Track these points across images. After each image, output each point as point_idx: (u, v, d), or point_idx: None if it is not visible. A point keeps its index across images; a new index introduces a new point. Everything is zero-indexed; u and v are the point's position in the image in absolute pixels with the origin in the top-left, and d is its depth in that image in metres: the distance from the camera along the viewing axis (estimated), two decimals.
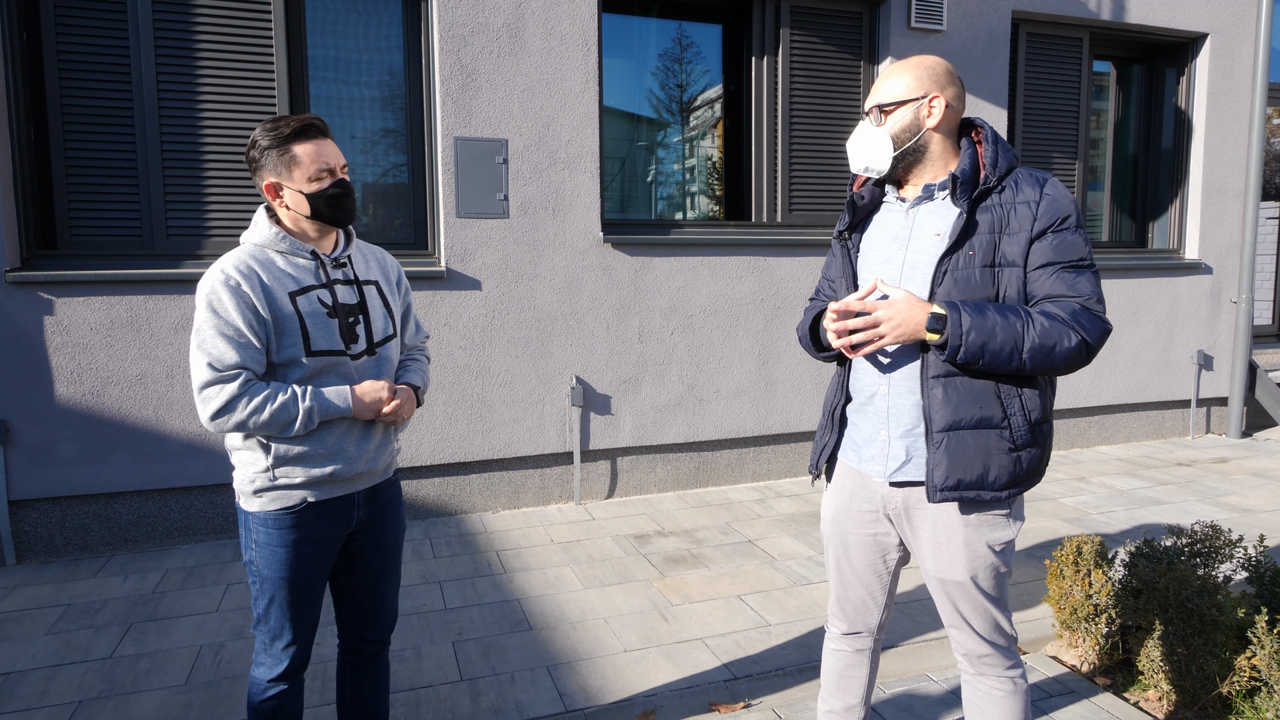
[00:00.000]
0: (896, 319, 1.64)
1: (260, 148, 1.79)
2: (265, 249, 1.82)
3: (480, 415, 4.43)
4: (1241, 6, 6.00)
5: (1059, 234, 1.65)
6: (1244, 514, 4.42)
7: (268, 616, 1.87)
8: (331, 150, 1.83)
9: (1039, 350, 1.60)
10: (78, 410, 3.80)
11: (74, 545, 3.89)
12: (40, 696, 2.64)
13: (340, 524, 1.90)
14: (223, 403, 1.71)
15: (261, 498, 1.81)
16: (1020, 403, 1.68)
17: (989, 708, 1.83)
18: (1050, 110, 5.72)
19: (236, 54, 4.01)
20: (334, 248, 1.91)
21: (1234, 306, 6.15)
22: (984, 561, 1.74)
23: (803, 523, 4.30)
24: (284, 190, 1.80)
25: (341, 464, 1.84)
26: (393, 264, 2.07)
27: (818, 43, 5.08)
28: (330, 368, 1.81)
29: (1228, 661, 2.45)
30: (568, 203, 4.49)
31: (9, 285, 3.66)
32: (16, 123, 3.72)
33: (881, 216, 1.86)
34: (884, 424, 1.79)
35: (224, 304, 1.71)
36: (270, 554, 1.82)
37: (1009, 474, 1.68)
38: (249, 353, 1.73)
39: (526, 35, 4.33)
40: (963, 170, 1.70)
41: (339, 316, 1.84)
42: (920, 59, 1.75)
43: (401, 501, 2.08)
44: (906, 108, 1.73)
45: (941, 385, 1.69)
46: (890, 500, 1.83)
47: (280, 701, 1.92)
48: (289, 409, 1.73)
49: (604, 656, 2.89)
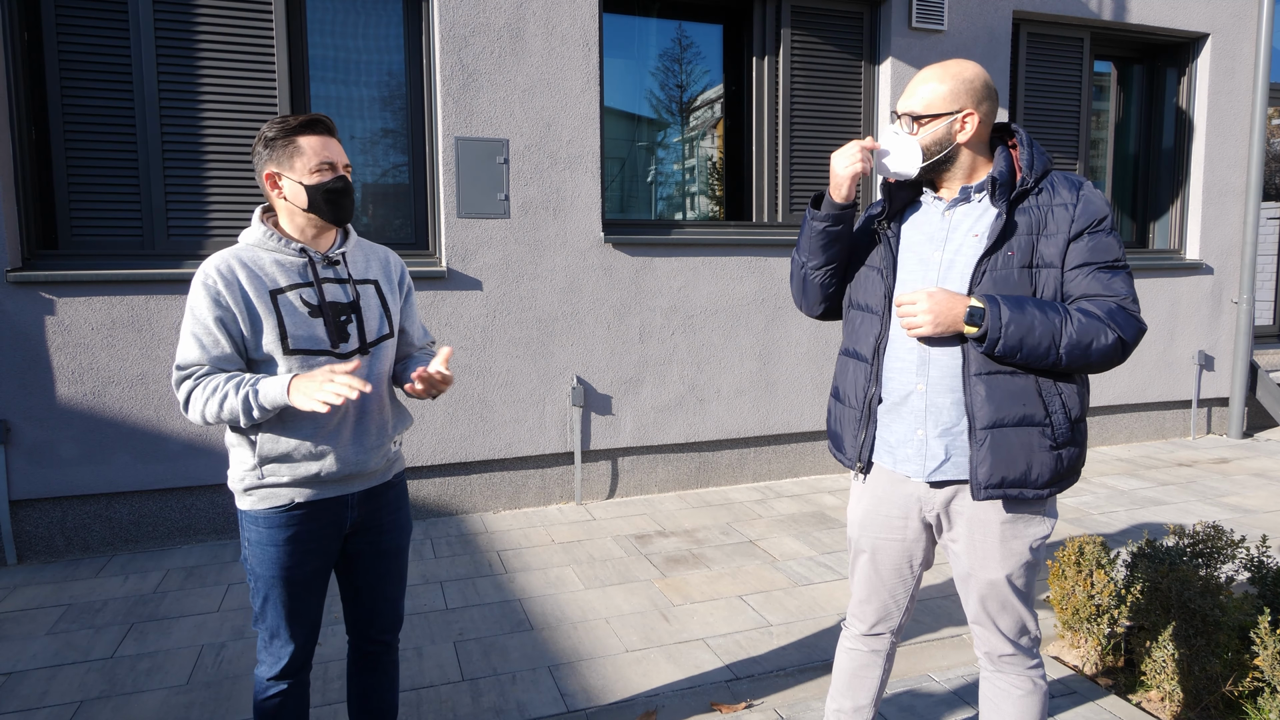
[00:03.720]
0: (934, 311, 1.65)
1: (266, 139, 1.79)
2: (255, 248, 1.81)
3: (481, 415, 4.42)
4: (1242, 7, 5.99)
5: (1095, 235, 1.67)
6: (1245, 514, 4.42)
7: (264, 614, 1.86)
8: (336, 148, 1.82)
9: (1076, 346, 1.61)
10: (79, 410, 3.79)
11: (75, 545, 3.89)
12: (41, 696, 2.64)
13: (334, 525, 1.87)
14: (183, 398, 1.74)
15: (252, 495, 1.81)
16: (1061, 400, 1.69)
17: (1005, 705, 1.81)
18: (1051, 110, 5.72)
19: (237, 54, 4.00)
20: (330, 245, 1.89)
21: (1235, 307, 6.15)
22: (1019, 560, 1.75)
23: (803, 523, 4.30)
24: (283, 180, 1.79)
25: (328, 464, 1.82)
26: (396, 263, 2.04)
27: (818, 43, 5.08)
28: (313, 365, 1.79)
29: (1231, 662, 2.44)
30: (568, 203, 4.49)
31: (10, 285, 3.66)
32: (18, 123, 3.72)
33: (918, 217, 1.85)
34: (921, 423, 1.77)
35: (199, 304, 1.73)
36: (262, 552, 1.82)
37: (1051, 471, 1.69)
38: (215, 353, 1.73)
39: (527, 35, 4.33)
40: (1000, 172, 1.71)
41: (325, 314, 1.82)
42: (960, 68, 1.73)
43: (406, 504, 2.06)
44: (940, 122, 1.72)
45: (984, 383, 1.68)
46: (928, 501, 1.81)
47: (283, 700, 1.91)
48: (228, 401, 1.70)
49: (605, 657, 2.89)
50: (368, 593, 2.00)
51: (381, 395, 1.92)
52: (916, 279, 1.78)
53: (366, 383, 1.65)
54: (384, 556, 1.99)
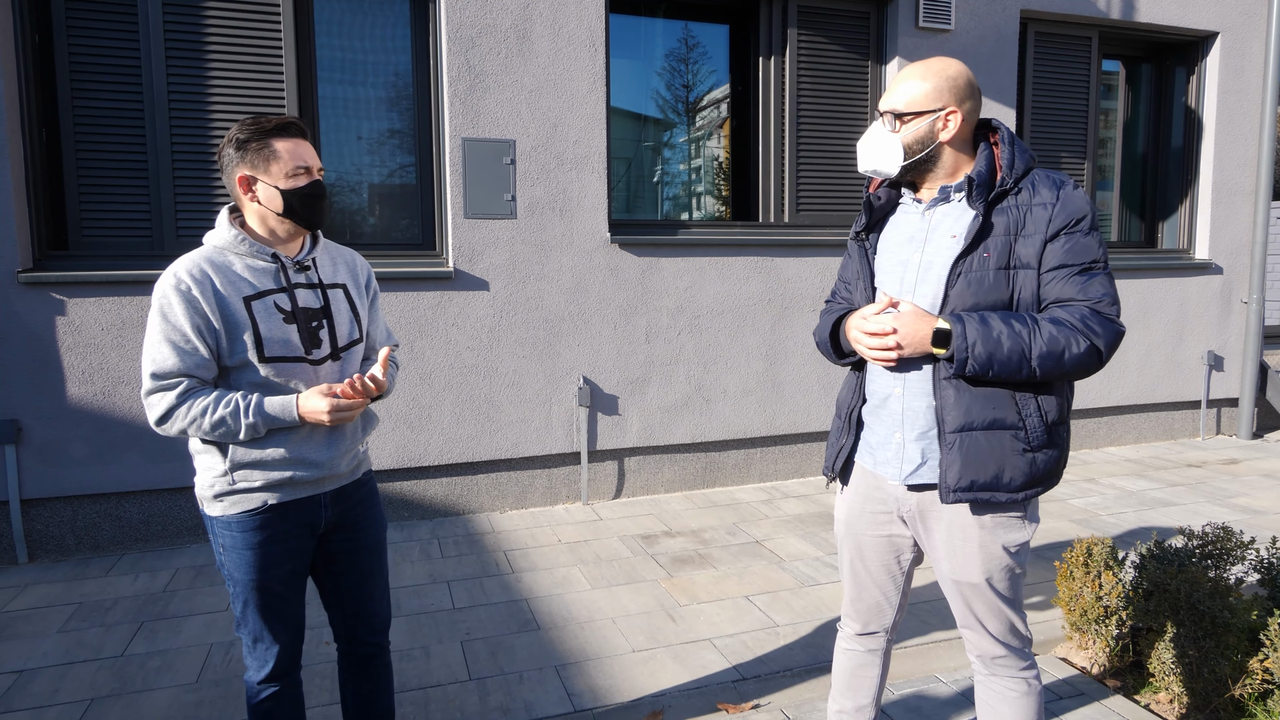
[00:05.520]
0: (903, 334, 1.66)
1: (238, 141, 1.76)
2: (224, 251, 1.78)
3: (488, 415, 4.43)
4: (1252, 5, 5.96)
5: (1072, 236, 1.64)
6: (1255, 515, 4.39)
7: (245, 619, 1.84)
8: (309, 151, 1.81)
9: (1048, 357, 1.59)
10: (89, 410, 3.82)
11: (85, 544, 3.92)
12: (52, 694, 2.66)
13: (307, 524, 1.86)
14: (161, 412, 1.70)
15: (222, 502, 1.78)
16: (1036, 404, 1.67)
17: (1002, 708, 1.82)
18: (1059, 110, 5.70)
19: (246, 56, 4.02)
20: (300, 250, 1.87)
21: (1244, 307, 6.12)
22: (999, 563, 1.74)
23: (810, 523, 4.29)
24: (258, 184, 1.77)
25: (300, 467, 1.80)
26: (363, 266, 2.02)
27: (825, 42, 5.07)
28: (289, 373, 1.77)
29: (1240, 664, 2.43)
30: (575, 203, 4.50)
31: (21, 286, 3.68)
32: (28, 124, 3.75)
33: (898, 218, 1.85)
34: (899, 426, 1.79)
35: (173, 309, 1.68)
36: (238, 557, 1.79)
37: (1024, 475, 1.68)
38: (193, 359, 1.70)
39: (534, 36, 4.34)
40: (979, 172, 1.69)
41: (298, 321, 1.79)
42: (943, 66, 1.72)
43: (377, 500, 2.03)
44: (922, 120, 1.71)
45: (954, 386, 1.68)
46: (905, 502, 1.82)
47: (276, 702, 1.89)
48: (228, 423, 1.70)
49: (612, 657, 2.89)
50: (351, 592, 1.97)
51: None
52: (895, 280, 1.78)
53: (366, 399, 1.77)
54: (363, 551, 1.97)
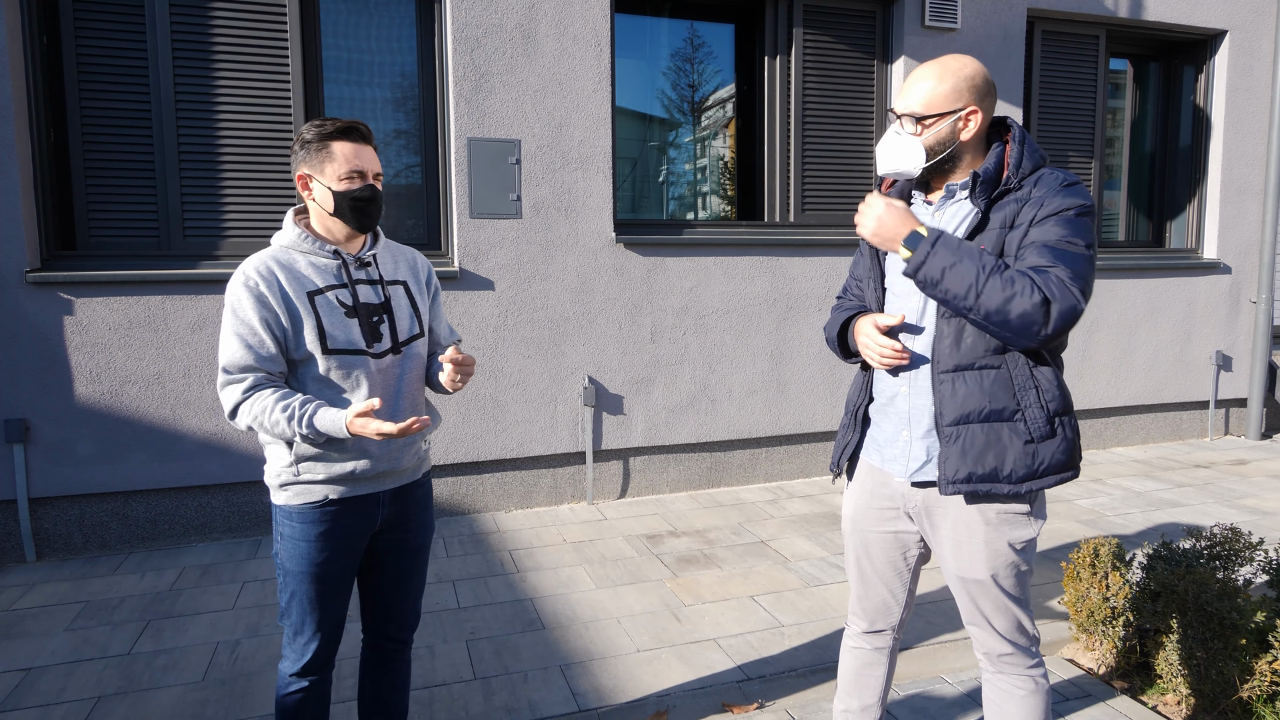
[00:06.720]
0: (880, 223, 1.68)
1: (302, 140, 1.84)
2: (289, 250, 1.86)
3: (493, 415, 4.44)
4: (1261, 3, 5.92)
5: (1058, 219, 1.62)
6: (1263, 516, 4.37)
7: (289, 610, 1.89)
8: (369, 156, 1.86)
9: (994, 295, 1.55)
10: (96, 409, 3.83)
11: (92, 543, 3.93)
12: (59, 692, 2.67)
13: (365, 522, 1.91)
14: (231, 405, 1.79)
15: (287, 491, 1.85)
16: (1036, 394, 1.67)
17: (1009, 706, 1.81)
18: (1066, 109, 5.68)
19: (252, 57, 4.04)
20: (361, 247, 1.94)
21: (1253, 306, 6.08)
22: (1005, 560, 1.73)
23: (815, 523, 4.29)
24: (313, 183, 1.85)
25: (363, 462, 1.86)
26: (423, 264, 2.09)
27: (830, 42, 5.06)
28: (350, 365, 1.83)
29: (1248, 665, 2.42)
30: (580, 203, 4.50)
31: (29, 286, 3.70)
32: (37, 126, 3.77)
33: None
34: (906, 424, 1.79)
35: (242, 305, 1.77)
36: (294, 547, 1.85)
37: (1025, 467, 1.67)
38: (261, 354, 1.77)
39: (539, 36, 4.34)
40: (985, 170, 1.69)
41: (359, 315, 1.86)
42: (959, 65, 1.71)
43: (430, 503, 2.09)
44: (944, 121, 1.70)
45: (950, 380, 1.69)
46: (911, 500, 1.83)
47: (303, 697, 1.93)
48: (284, 427, 1.76)
49: (616, 656, 2.89)
50: (389, 591, 2.02)
51: (414, 395, 1.96)
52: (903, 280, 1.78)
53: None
54: (408, 554, 2.02)
